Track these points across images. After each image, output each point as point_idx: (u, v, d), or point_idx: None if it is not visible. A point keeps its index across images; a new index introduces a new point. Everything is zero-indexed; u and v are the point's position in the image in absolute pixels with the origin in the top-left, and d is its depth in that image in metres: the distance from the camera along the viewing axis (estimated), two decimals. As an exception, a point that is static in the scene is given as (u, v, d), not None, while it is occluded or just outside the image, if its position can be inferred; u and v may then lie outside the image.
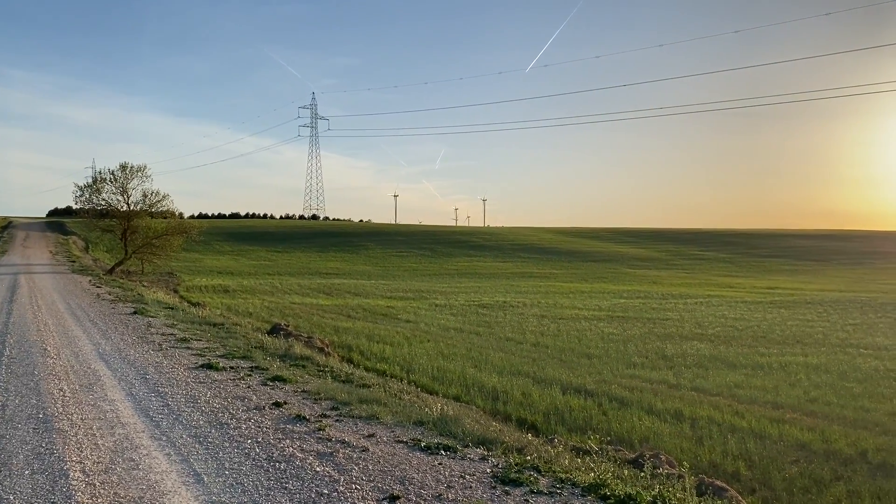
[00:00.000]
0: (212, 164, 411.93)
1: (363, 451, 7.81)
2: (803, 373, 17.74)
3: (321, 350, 17.83)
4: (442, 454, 7.77)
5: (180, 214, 61.71)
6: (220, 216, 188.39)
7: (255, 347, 15.74)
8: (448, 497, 6.38)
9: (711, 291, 52.08)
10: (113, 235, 55.20)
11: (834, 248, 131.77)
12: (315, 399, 10.52)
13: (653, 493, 6.22)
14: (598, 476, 6.83)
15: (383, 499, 6.33)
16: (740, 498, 7.57)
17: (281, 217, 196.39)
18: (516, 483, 6.75)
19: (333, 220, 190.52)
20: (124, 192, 51.99)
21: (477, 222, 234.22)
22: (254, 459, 7.42)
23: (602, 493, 6.42)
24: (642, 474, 7.32)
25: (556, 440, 9.51)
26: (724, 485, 7.79)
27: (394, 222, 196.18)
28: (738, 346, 22.47)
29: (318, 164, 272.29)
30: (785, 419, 12.98)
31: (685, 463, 8.34)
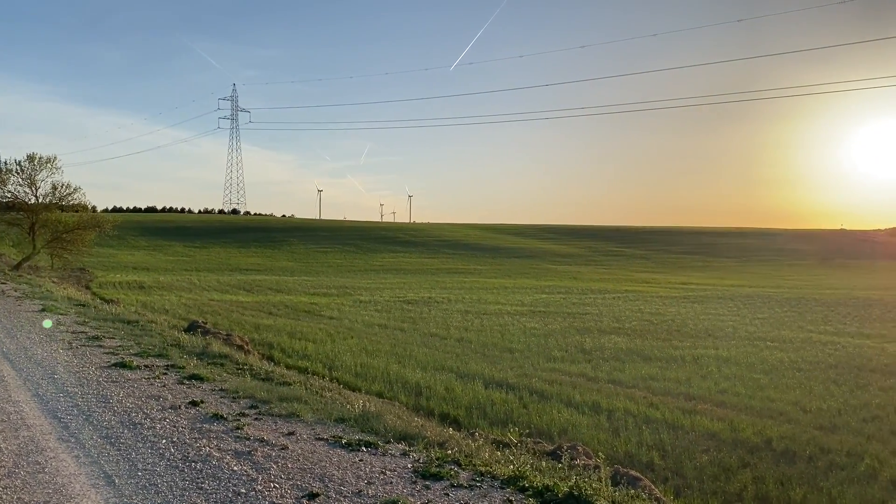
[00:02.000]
0: (127, 157, 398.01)
1: (282, 449, 7.70)
2: (714, 365, 18.46)
3: (241, 348, 17.47)
4: (363, 450, 7.74)
5: (93, 208, 59.20)
6: (136, 210, 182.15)
7: (172, 345, 15.28)
8: (368, 493, 6.36)
9: (629, 287, 53.59)
10: (20, 229, 52.51)
11: (745, 246, 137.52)
12: (233, 397, 10.30)
13: (569, 483, 6.36)
14: (517, 468, 6.94)
15: (302, 497, 6.25)
16: (653, 487, 7.82)
17: (200, 211, 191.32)
18: (437, 477, 6.79)
19: (255, 214, 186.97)
20: (32, 184, 49.64)
21: (403, 218, 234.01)
22: (168, 460, 7.21)
23: (521, 485, 6.52)
24: (560, 466, 7.48)
25: (477, 434, 9.61)
26: (638, 474, 8.04)
27: (318, 217, 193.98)
28: (653, 340, 23.19)
29: (239, 158, 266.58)
30: (697, 410, 13.48)
31: (601, 454, 8.56)
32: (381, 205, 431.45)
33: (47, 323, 17.61)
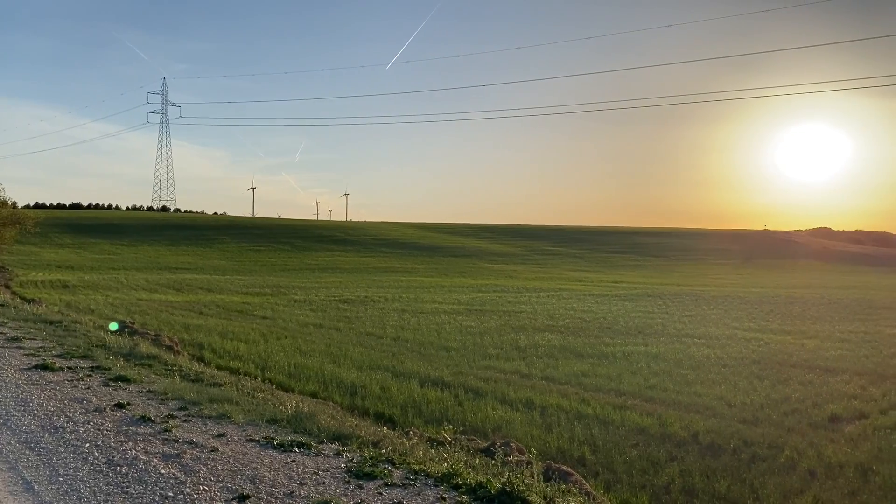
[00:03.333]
0: (50, 151, 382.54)
1: (212, 451, 7.55)
2: (644, 361, 18.91)
3: (170, 348, 17.03)
4: (295, 451, 7.65)
5: (13, 204, 56.84)
6: (60, 206, 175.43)
7: (97, 346, 14.79)
8: (300, 494, 6.30)
9: (563, 285, 54.46)
10: (-68, 226, 50.05)
11: (674, 246, 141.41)
12: (161, 399, 10.04)
13: (502, 480, 6.43)
14: (451, 466, 6.98)
15: (232, 499, 6.14)
16: (584, 481, 7.97)
17: (128, 208, 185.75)
18: (371, 477, 6.77)
19: (185, 212, 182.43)
20: (-54, 178, 47.27)
21: (339, 216, 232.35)
22: (92, 464, 6.98)
23: (454, 482, 6.56)
24: (493, 462, 7.55)
25: (411, 433, 9.61)
26: (569, 470, 8.18)
27: (251, 215, 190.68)
28: (585, 337, 23.61)
29: (169, 153, 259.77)
30: (627, 405, 13.78)
31: (534, 450, 8.67)
32: (317, 203, 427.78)
33: None
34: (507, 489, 6.13)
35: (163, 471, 6.81)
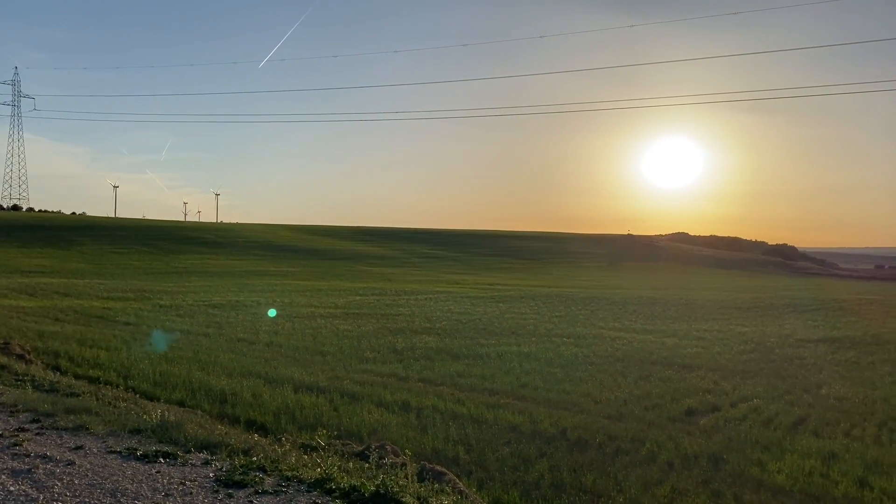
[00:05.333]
0: None
1: (68, 464, 7.09)
2: (516, 361, 19.43)
3: (21, 357, 15.84)
4: (160, 462, 7.32)
5: None
6: None
7: (-65, 357, 13.53)
8: (165, 506, 6.02)
9: (440, 288, 55.06)
10: None
11: (545, 249, 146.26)
12: (11, 412, 9.33)
13: (376, 482, 6.42)
14: (325, 471, 6.89)
15: (90, 515, 5.80)
16: (457, 480, 8.09)
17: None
18: (241, 485, 6.58)
19: (40, 211, 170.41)
20: None
21: (209, 218, 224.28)
22: (-73, 486, 6.37)
23: (328, 487, 6.49)
24: (368, 465, 7.53)
25: (284, 439, 9.41)
26: (443, 469, 8.28)
27: (113, 216, 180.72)
28: (461, 339, 23.98)
29: (21, 148, 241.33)
30: (500, 404, 14.10)
31: (408, 451, 8.71)
32: (185, 203, 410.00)
33: None
34: (381, 491, 6.14)
35: (12, 488, 6.32)
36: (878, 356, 22.90)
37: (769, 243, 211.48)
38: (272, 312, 17.08)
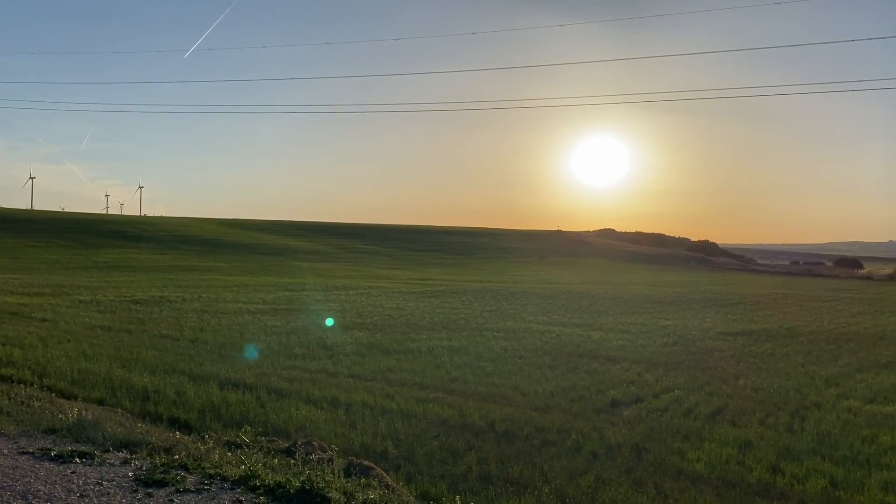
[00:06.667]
0: None
1: (-25, 468, 6.77)
2: (447, 355, 19.52)
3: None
4: (77, 462, 7.07)
5: None
6: None
7: None
8: (81, 508, 5.82)
9: (372, 283, 54.82)
10: None
11: (477, 244, 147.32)
12: (-88, 414, 8.85)
13: (301, 478, 6.36)
14: (249, 468, 6.79)
15: (-1, 519, 5.56)
16: (385, 475, 8.08)
17: None
18: (161, 484, 6.41)
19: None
20: None
21: (132, 211, 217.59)
22: None
23: (252, 484, 6.39)
24: (294, 462, 7.45)
25: (207, 437, 9.21)
26: (371, 464, 8.26)
27: (29, 208, 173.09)
28: (393, 334, 23.93)
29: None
30: (429, 398, 14.15)
31: (334, 447, 8.65)
32: (107, 196, 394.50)
33: None
34: (307, 487, 6.08)
35: (-89, 494, 6.00)
36: (792, 348, 23.95)
37: (692, 240, 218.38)
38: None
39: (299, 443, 8.92)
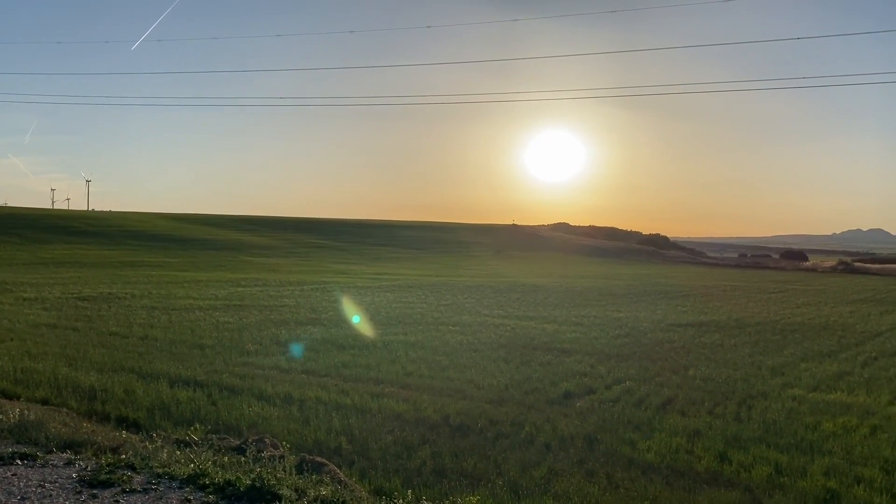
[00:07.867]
0: None
1: None
2: (403, 350, 19.49)
3: None
4: (18, 463, 6.87)
5: None
6: None
7: None
8: (21, 511, 5.65)
9: (327, 278, 54.39)
10: None
11: (432, 238, 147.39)
12: None
13: (252, 476, 6.29)
14: (199, 466, 6.68)
15: (-67, 525, 5.36)
16: (338, 471, 8.03)
17: None
18: (107, 485, 6.27)
19: None
20: None
21: (79, 205, 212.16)
22: None
23: (201, 482, 6.30)
24: (245, 459, 7.35)
25: (156, 435, 9.04)
26: (324, 460, 8.20)
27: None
28: (348, 329, 23.79)
29: None
30: (385, 393, 14.11)
31: (286, 443, 8.57)
32: (53, 190, 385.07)
33: None
34: (258, 485, 6.01)
35: None
36: (739, 339, 24.53)
37: (643, 233, 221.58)
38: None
39: (251, 440, 8.81)
